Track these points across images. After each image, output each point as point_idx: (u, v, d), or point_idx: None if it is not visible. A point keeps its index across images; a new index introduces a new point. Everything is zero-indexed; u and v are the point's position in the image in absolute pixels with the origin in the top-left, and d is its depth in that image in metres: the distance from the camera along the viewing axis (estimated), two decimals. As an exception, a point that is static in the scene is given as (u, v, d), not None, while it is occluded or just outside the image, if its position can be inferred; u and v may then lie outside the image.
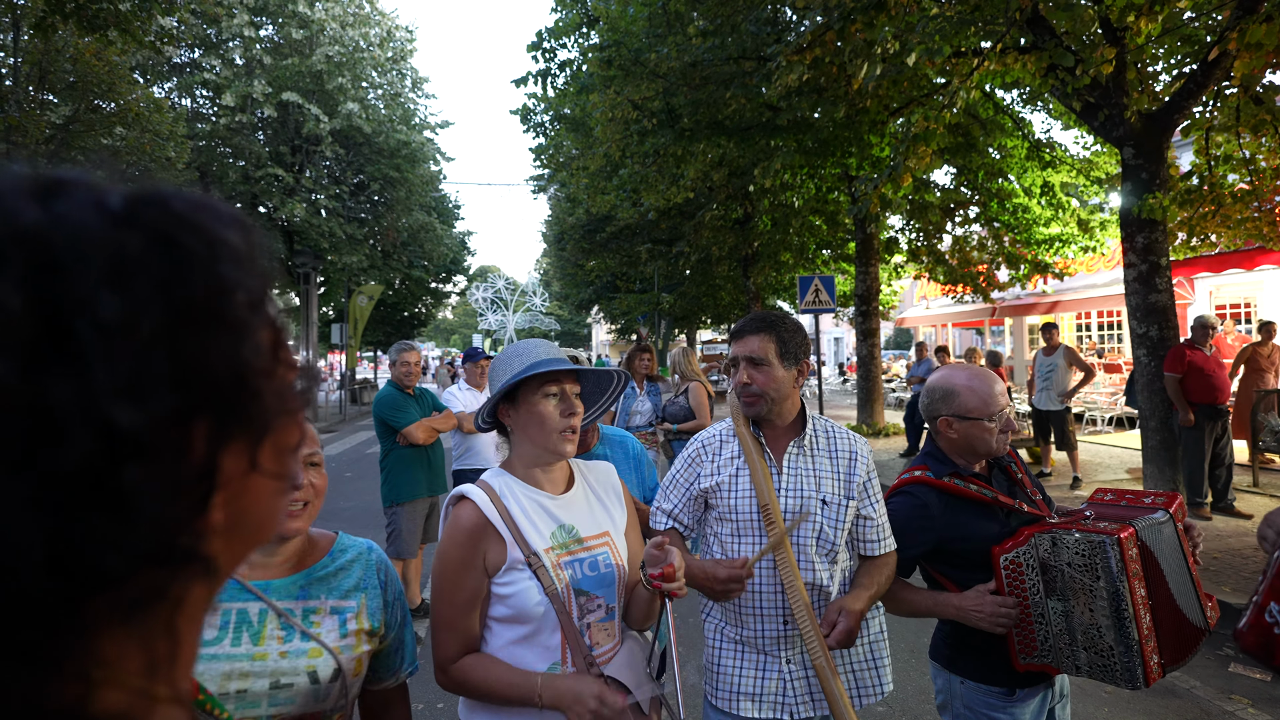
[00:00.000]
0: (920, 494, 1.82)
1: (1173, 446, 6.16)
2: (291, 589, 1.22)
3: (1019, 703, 1.74)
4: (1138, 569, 1.54)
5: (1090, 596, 1.57)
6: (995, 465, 1.88)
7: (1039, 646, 1.65)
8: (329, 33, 17.53)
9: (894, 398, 17.08)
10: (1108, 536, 1.55)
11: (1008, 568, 1.67)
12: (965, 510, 1.79)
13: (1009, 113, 10.42)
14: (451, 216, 25.76)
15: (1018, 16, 5.49)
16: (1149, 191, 6.08)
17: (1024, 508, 1.76)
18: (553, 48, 10.25)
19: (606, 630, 1.47)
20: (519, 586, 1.39)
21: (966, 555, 1.77)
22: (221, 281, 0.35)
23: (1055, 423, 7.55)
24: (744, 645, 1.73)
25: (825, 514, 1.71)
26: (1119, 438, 10.89)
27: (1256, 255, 8.56)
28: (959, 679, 1.82)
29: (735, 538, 1.74)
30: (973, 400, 1.79)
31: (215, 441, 0.35)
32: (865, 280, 11.90)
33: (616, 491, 1.63)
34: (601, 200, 12.73)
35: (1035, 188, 10.86)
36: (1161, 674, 1.54)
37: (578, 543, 1.48)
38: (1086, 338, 15.93)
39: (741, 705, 1.70)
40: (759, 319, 1.76)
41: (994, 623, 1.66)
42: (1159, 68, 7.30)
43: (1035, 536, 1.64)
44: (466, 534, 1.41)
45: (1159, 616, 1.56)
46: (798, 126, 8.87)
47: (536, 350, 1.53)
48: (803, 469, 1.74)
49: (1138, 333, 6.29)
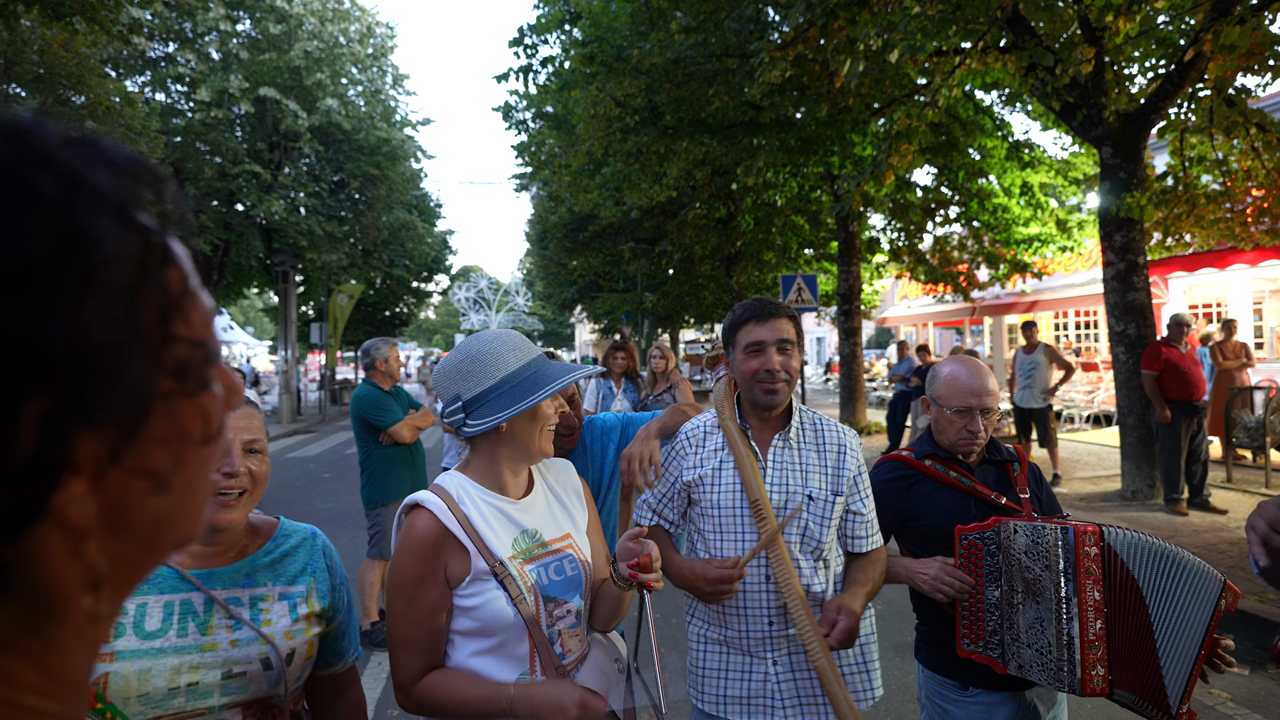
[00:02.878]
0: (894, 468, 1.87)
1: (1150, 443, 6.23)
2: (236, 576, 1.20)
3: (974, 702, 1.71)
4: (1094, 569, 1.51)
5: (1040, 588, 1.55)
6: (991, 460, 1.85)
7: (987, 636, 1.63)
8: (307, 28, 17.28)
9: (875, 396, 17.19)
10: (1061, 528, 1.54)
11: (966, 547, 1.67)
12: (937, 493, 1.80)
13: (989, 113, 10.51)
14: (433, 215, 25.51)
15: (998, 15, 5.52)
16: (1127, 190, 6.14)
17: (1003, 501, 1.73)
18: (534, 44, 10.16)
19: (577, 636, 1.41)
20: (486, 597, 1.30)
21: (929, 533, 1.77)
22: (73, 232, 0.29)
23: (1038, 420, 7.62)
24: (728, 647, 1.67)
25: (810, 510, 1.65)
26: (1096, 435, 11.04)
27: (1228, 255, 8.71)
28: (921, 668, 1.85)
29: (718, 534, 1.67)
30: (943, 388, 1.82)
31: (54, 427, 0.29)
32: (847, 279, 11.95)
33: (577, 490, 1.56)
34: (584, 198, 12.66)
35: (1015, 188, 10.98)
36: (1107, 690, 1.49)
37: (541, 547, 1.40)
38: (1064, 336, 16.13)
39: (729, 710, 1.64)
40: (775, 304, 1.69)
41: (935, 586, 1.66)
42: (1135, 69, 7.40)
43: (1000, 523, 1.64)
44: (426, 545, 1.31)
45: (1119, 631, 1.50)
46: (780, 125, 8.87)
47: (508, 356, 1.39)
48: (788, 463, 1.68)
49: (1116, 330, 6.36)
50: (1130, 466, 6.40)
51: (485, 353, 1.37)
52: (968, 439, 1.76)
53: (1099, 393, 12.12)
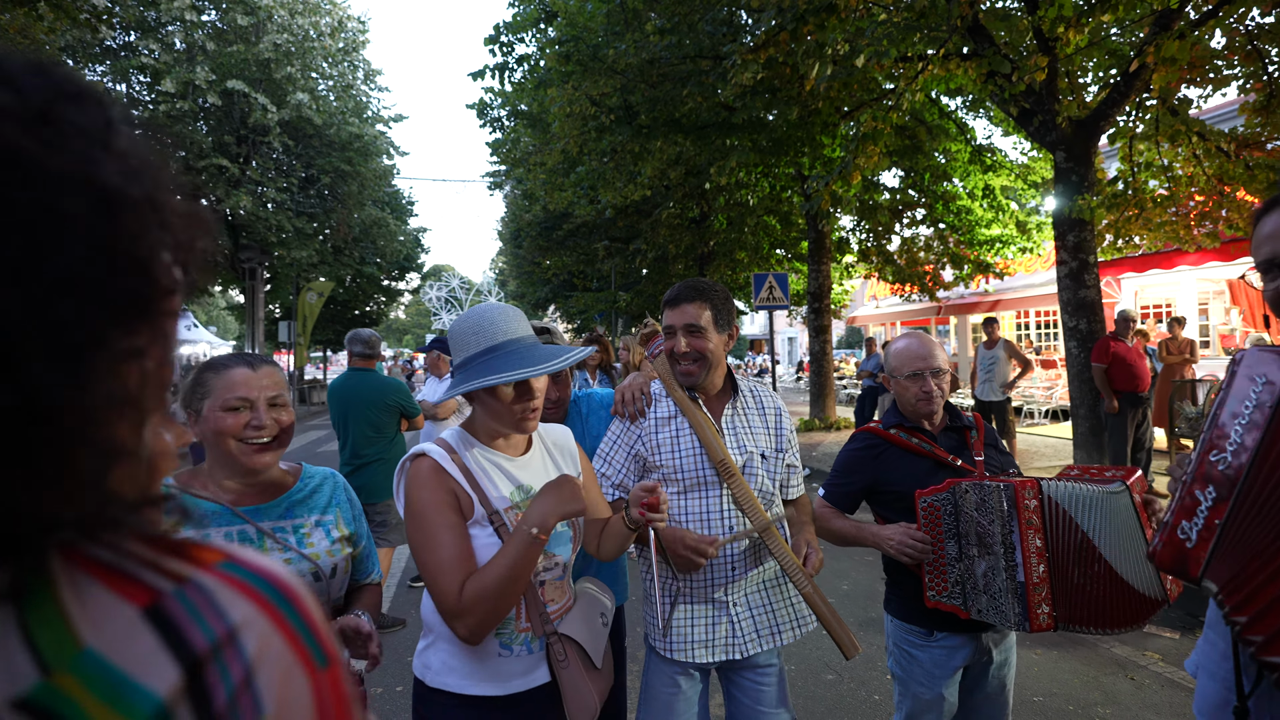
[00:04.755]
0: (864, 439, 2.03)
1: (1100, 433, 6.56)
2: (279, 510, 1.45)
3: (938, 645, 1.88)
4: (1033, 519, 1.68)
5: (990, 540, 1.73)
6: (952, 427, 2.02)
7: (949, 587, 1.80)
8: (277, 20, 17.03)
9: (845, 394, 17.57)
10: (1003, 485, 1.71)
11: (925, 510, 1.84)
12: (904, 459, 1.95)
13: (953, 118, 10.86)
14: (405, 213, 25.30)
15: (959, 24, 5.78)
16: (1079, 193, 6.46)
17: (958, 463, 1.91)
18: (510, 42, 10.23)
19: (560, 587, 1.52)
20: (481, 543, 1.38)
21: (896, 498, 1.93)
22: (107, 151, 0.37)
23: (996, 413, 7.93)
24: (692, 599, 1.80)
25: (765, 468, 1.85)
26: (1053, 429, 11.48)
27: (1174, 256, 9.16)
28: (889, 617, 2.01)
29: (682, 496, 1.79)
30: (895, 359, 2.01)
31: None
32: (818, 278, 12.22)
33: (573, 454, 1.67)
34: (559, 197, 12.74)
35: (977, 191, 11.36)
36: (1053, 625, 1.66)
37: None
38: (1025, 336, 16.69)
39: (696, 653, 1.77)
40: (692, 286, 1.82)
41: (900, 550, 1.83)
42: (1088, 79, 7.77)
43: (954, 485, 1.81)
44: (434, 475, 1.39)
45: (1061, 572, 1.67)
46: (753, 126, 9.07)
47: (496, 328, 1.44)
48: (740, 428, 1.86)
49: (1069, 326, 6.67)
50: (1081, 455, 6.72)
51: (472, 325, 1.46)
52: (925, 400, 1.93)
53: (1057, 389, 12.60)
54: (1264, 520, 0.91)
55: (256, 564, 0.43)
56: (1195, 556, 0.96)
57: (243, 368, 1.39)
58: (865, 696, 3.25)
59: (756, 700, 1.81)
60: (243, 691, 0.39)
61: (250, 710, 0.39)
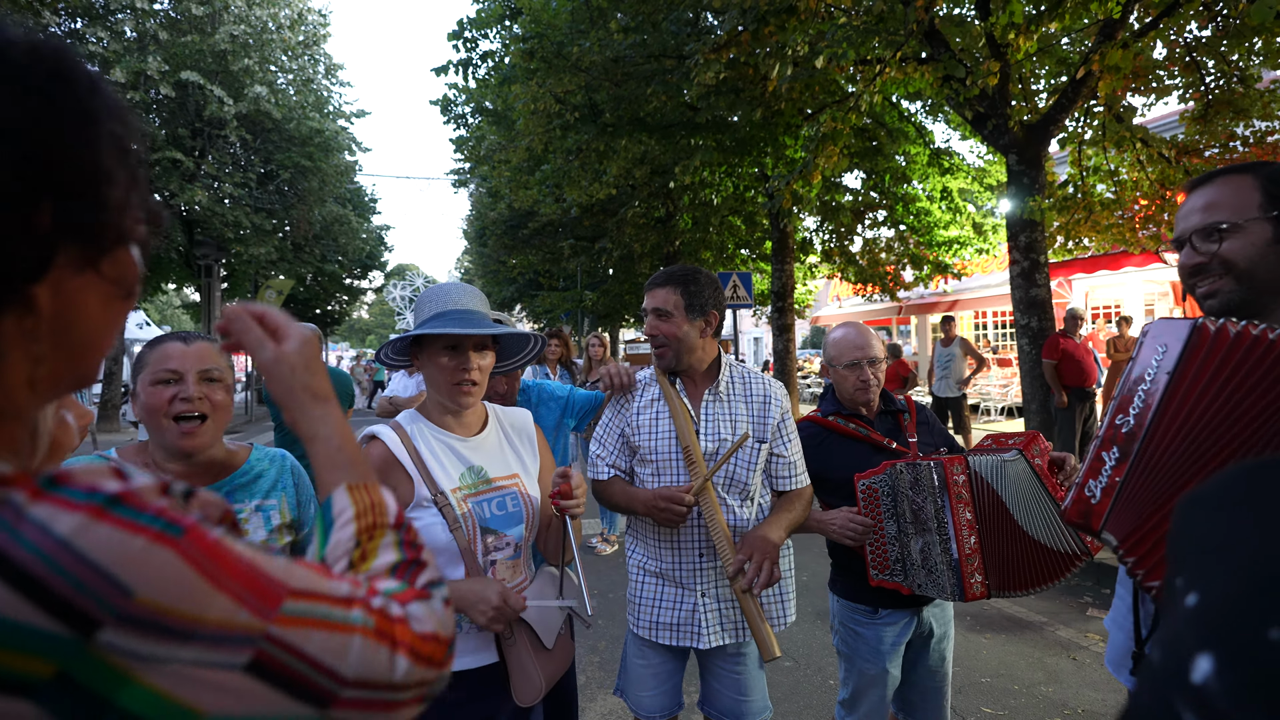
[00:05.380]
0: (805, 428, 2.07)
1: (1050, 426, 6.78)
2: (219, 494, 1.34)
3: (882, 622, 1.94)
4: (963, 494, 1.76)
5: (924, 517, 1.80)
6: (887, 411, 2.08)
7: (890, 565, 1.86)
8: (234, 11, 16.59)
9: (809, 393, 17.83)
10: (934, 463, 1.78)
11: (864, 492, 1.90)
12: (843, 445, 2.01)
13: (912, 122, 11.12)
14: (368, 210, 24.85)
15: (915, 29, 5.93)
16: (1031, 195, 6.68)
17: (893, 446, 1.97)
18: (474, 37, 10.14)
19: (512, 567, 1.53)
20: (424, 523, 1.42)
21: (838, 484, 1.98)
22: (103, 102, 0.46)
23: (953, 408, 8.15)
24: (663, 579, 1.86)
25: (739, 456, 1.83)
26: (1009, 425, 11.83)
27: (1121, 258, 9.53)
28: (835, 597, 2.07)
29: (656, 477, 1.85)
30: (834, 349, 2.06)
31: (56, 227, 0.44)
32: (781, 277, 12.38)
33: (530, 438, 1.68)
34: (524, 195, 12.67)
35: (936, 193, 11.64)
36: (986, 593, 1.74)
37: (486, 483, 1.52)
38: (983, 335, 17.16)
39: (660, 634, 1.83)
40: (667, 273, 1.87)
41: (842, 533, 1.88)
42: (1039, 85, 8.04)
43: (890, 467, 1.87)
44: (374, 470, 1.42)
45: (991, 540, 1.75)
46: (716, 126, 9.16)
47: (449, 298, 1.52)
48: (719, 414, 1.86)
49: (1020, 323, 6.89)
50: (1033, 449, 6.95)
51: (430, 295, 1.53)
52: (862, 388, 1.99)
53: (1013, 386, 12.98)
54: (1157, 476, 0.97)
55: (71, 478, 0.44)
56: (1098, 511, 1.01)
57: (176, 342, 1.36)
58: (820, 682, 3.32)
59: (727, 685, 1.85)
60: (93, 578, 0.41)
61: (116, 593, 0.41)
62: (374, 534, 0.65)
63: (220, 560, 0.46)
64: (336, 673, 0.50)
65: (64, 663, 0.41)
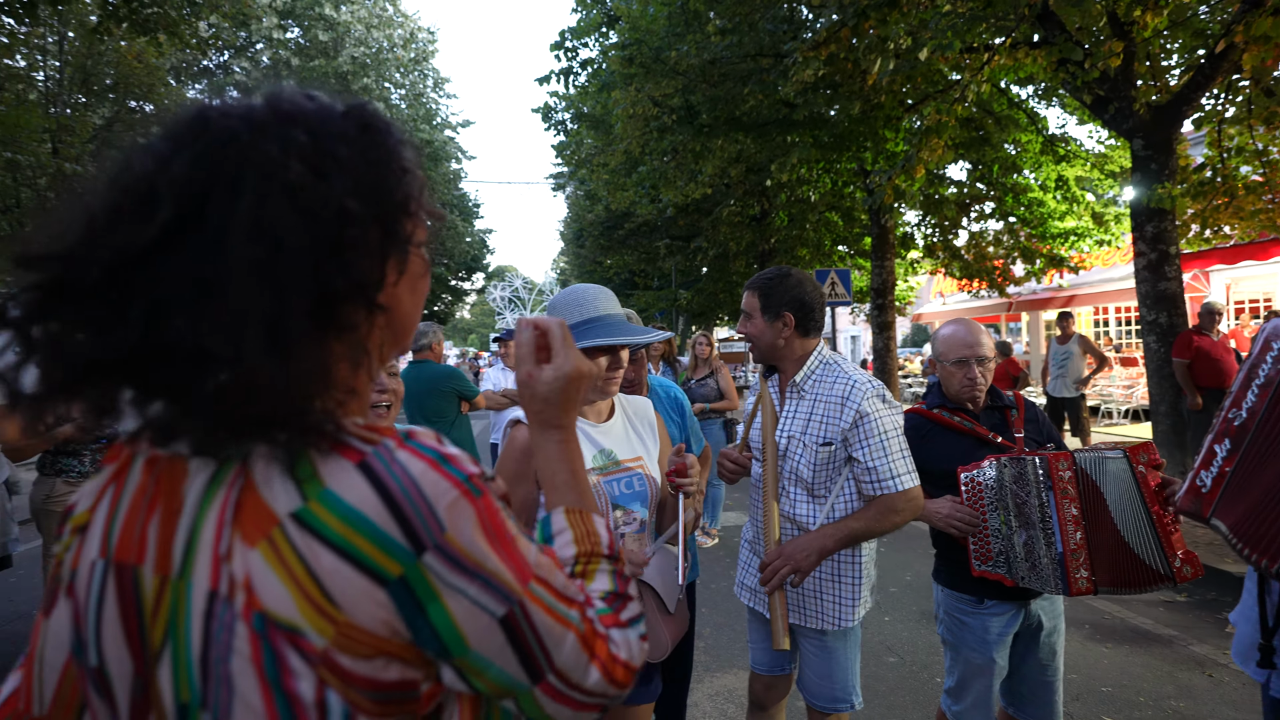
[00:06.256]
0: (911, 421, 2.13)
1: (1182, 431, 6.30)
2: None
3: (988, 612, 1.98)
4: (1069, 489, 1.78)
5: (1027, 510, 1.82)
6: (993, 406, 2.11)
7: (994, 556, 1.89)
8: (354, 35, 17.98)
9: (910, 393, 17.18)
10: (1039, 458, 1.80)
11: (967, 485, 1.94)
12: (947, 437, 2.06)
13: (1023, 108, 10.53)
14: (471, 214, 26.17)
15: (1026, 13, 5.68)
16: (1158, 182, 6.23)
17: (999, 440, 2.00)
18: (574, 46, 10.53)
19: (639, 541, 1.70)
20: None
21: (940, 476, 2.02)
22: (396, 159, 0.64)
23: (1070, 410, 7.69)
24: (751, 548, 2.10)
25: (802, 454, 1.89)
26: (1134, 429, 10.97)
27: (1271, 247, 8.64)
28: (939, 586, 2.11)
29: (753, 461, 2.06)
30: (942, 345, 2.11)
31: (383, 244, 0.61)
32: (881, 274, 12.04)
33: (651, 424, 1.86)
34: (621, 196, 12.99)
35: (1050, 182, 10.96)
36: (1092, 589, 1.75)
37: (615, 464, 1.70)
38: (1103, 333, 15.93)
39: (742, 594, 2.11)
40: (754, 278, 2.01)
41: (947, 523, 1.94)
42: (1172, 61, 7.43)
43: (992, 460, 1.90)
44: (521, 450, 1.61)
45: (1096, 537, 1.76)
46: (814, 122, 9.07)
47: (596, 304, 1.65)
48: (798, 411, 1.95)
49: (1147, 320, 6.44)
50: (1162, 454, 6.47)
51: (576, 299, 1.69)
52: (968, 386, 2.03)
53: (1138, 388, 12.00)
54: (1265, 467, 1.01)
55: (418, 436, 0.60)
56: (1208, 499, 1.06)
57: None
58: (927, 679, 3.32)
59: (809, 665, 1.98)
60: (426, 511, 0.55)
61: (436, 527, 0.55)
62: (591, 559, 0.73)
63: (497, 526, 0.58)
64: (551, 657, 0.59)
65: (405, 569, 0.54)
